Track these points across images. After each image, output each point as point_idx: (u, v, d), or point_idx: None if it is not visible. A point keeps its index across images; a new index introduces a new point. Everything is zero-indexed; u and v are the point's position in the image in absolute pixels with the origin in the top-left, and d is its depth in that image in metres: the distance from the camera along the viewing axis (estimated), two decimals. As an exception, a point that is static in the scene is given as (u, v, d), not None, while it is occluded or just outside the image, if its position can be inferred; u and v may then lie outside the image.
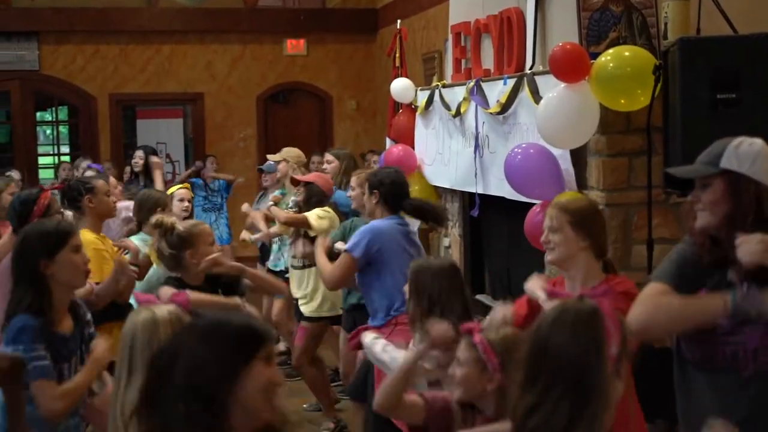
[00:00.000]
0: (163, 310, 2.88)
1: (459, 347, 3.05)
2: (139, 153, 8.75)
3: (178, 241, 4.16)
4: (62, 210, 5.17)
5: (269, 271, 7.56)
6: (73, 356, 3.45)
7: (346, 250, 4.96)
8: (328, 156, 7.39)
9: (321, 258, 5.21)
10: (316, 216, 6.03)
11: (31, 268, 3.41)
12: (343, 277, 5.07)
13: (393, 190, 5.03)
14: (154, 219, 4.33)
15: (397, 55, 8.17)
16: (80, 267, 3.52)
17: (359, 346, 4.94)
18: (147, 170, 8.56)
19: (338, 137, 13.22)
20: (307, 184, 6.31)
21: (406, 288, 3.85)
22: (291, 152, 7.56)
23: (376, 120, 13.14)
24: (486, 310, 6.28)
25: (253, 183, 11.15)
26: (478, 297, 6.73)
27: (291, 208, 6.62)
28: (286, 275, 7.00)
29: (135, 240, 5.59)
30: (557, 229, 3.41)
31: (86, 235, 4.62)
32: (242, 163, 12.59)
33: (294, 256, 6.44)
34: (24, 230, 3.60)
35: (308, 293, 6.33)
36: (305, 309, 6.34)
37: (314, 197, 6.25)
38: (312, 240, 5.92)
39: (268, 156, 8.01)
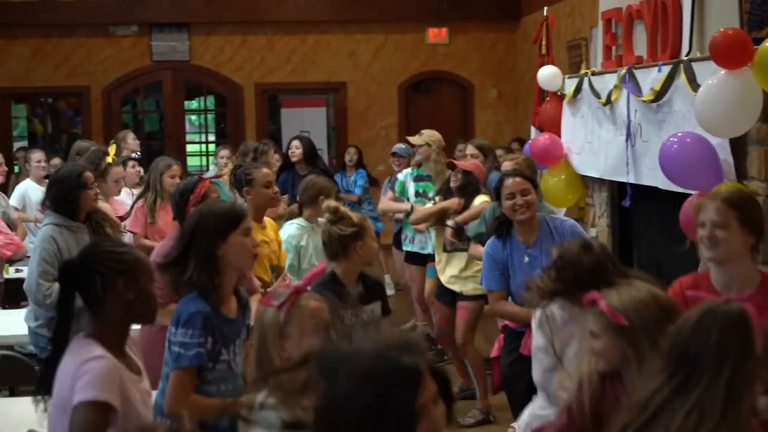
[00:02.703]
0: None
1: (588, 321, 3.03)
2: (296, 143, 8.75)
3: (351, 229, 4.17)
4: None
5: (408, 254, 7.60)
6: (237, 338, 3.50)
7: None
8: (472, 149, 7.29)
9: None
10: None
11: (206, 248, 3.44)
12: None
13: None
14: (327, 203, 4.35)
15: (544, 42, 8.06)
16: (249, 250, 3.55)
17: None
18: (306, 159, 8.57)
19: (479, 126, 13.19)
20: (465, 172, 6.31)
21: None
22: (433, 136, 7.53)
23: (517, 108, 13.03)
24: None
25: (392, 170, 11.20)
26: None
27: (437, 195, 6.65)
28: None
29: (293, 225, 5.68)
30: (724, 225, 3.30)
31: None
32: (383, 152, 12.61)
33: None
34: (200, 210, 3.63)
35: (458, 274, 6.32)
36: (464, 289, 6.31)
37: (471, 186, 6.28)
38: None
39: (409, 138, 8.00)
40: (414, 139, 7.66)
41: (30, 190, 8.27)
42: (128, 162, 7.78)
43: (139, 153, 8.93)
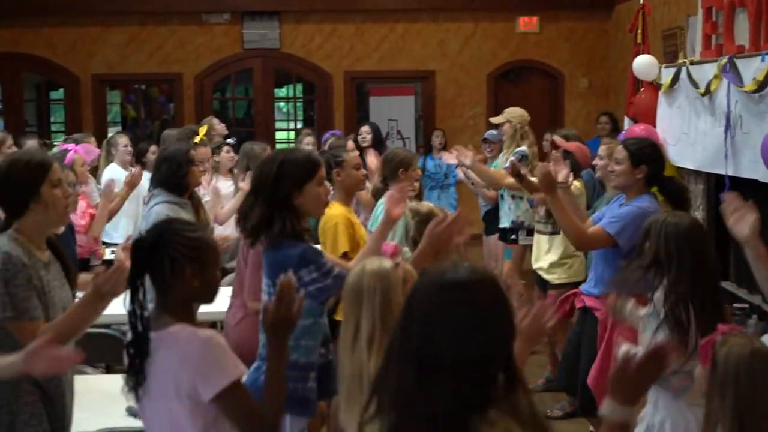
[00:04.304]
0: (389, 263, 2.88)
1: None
2: (366, 128, 8.77)
3: None
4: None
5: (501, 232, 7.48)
6: None
7: (611, 234, 4.54)
8: (558, 139, 7.13)
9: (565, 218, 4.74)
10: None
11: (285, 195, 3.45)
12: (594, 248, 4.88)
13: (659, 168, 4.73)
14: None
15: (639, 31, 7.91)
16: (323, 199, 3.59)
17: (569, 314, 4.89)
18: (375, 145, 8.58)
19: (569, 116, 13.01)
20: (567, 152, 6.12)
21: None
22: (514, 112, 7.34)
23: (608, 99, 12.82)
24: (730, 298, 6.01)
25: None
26: (722, 284, 6.45)
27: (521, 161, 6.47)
28: (512, 236, 7.13)
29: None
30: None
31: (336, 208, 4.69)
32: (471, 141, 12.39)
33: (539, 221, 6.35)
34: (280, 158, 3.59)
35: (556, 260, 6.23)
36: (554, 277, 6.23)
37: (571, 167, 6.09)
38: None
39: (491, 119, 7.89)
40: (495, 119, 7.56)
41: (117, 175, 7.95)
42: (222, 147, 7.78)
43: (234, 139, 8.96)
